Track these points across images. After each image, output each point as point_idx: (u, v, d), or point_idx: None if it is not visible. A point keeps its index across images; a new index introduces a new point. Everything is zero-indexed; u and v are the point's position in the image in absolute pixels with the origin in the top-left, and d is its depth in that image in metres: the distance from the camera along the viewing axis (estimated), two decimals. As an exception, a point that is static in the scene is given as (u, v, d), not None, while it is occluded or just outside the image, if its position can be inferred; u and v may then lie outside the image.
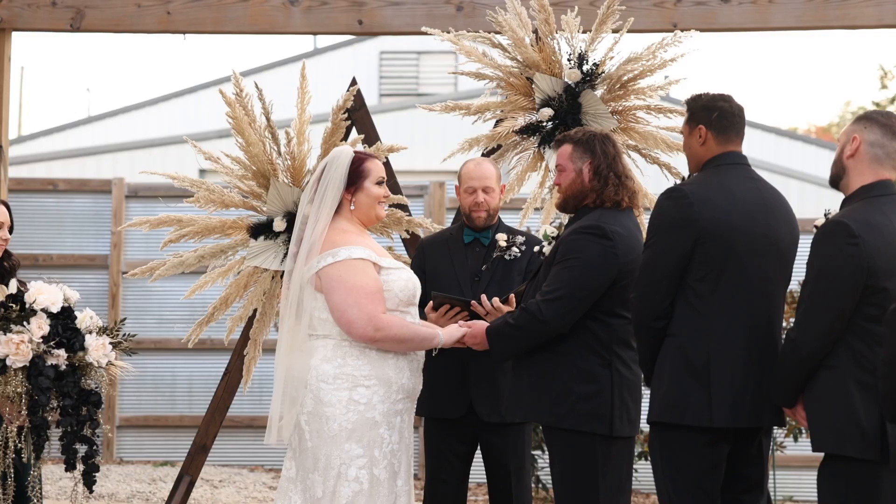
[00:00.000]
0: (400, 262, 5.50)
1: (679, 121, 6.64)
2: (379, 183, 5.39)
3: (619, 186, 5.33)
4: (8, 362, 5.32)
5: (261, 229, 6.66)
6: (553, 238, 6.20)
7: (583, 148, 5.38)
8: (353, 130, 7.03)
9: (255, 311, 6.78)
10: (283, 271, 5.58)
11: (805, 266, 4.78)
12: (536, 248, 6.24)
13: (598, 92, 6.69)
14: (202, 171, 15.73)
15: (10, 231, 5.87)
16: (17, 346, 5.31)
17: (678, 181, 5.40)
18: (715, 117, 5.16)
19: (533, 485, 9.91)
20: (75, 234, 11.84)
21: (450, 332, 5.45)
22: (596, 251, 5.17)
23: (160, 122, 20.39)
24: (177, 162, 14.88)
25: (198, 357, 11.65)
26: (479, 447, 6.28)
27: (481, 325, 5.48)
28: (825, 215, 5.49)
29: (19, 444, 5.40)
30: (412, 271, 5.45)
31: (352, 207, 5.34)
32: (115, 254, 11.65)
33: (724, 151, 5.16)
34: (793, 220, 5.19)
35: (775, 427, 5.21)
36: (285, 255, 6.15)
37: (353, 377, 5.15)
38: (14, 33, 7.89)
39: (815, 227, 5.11)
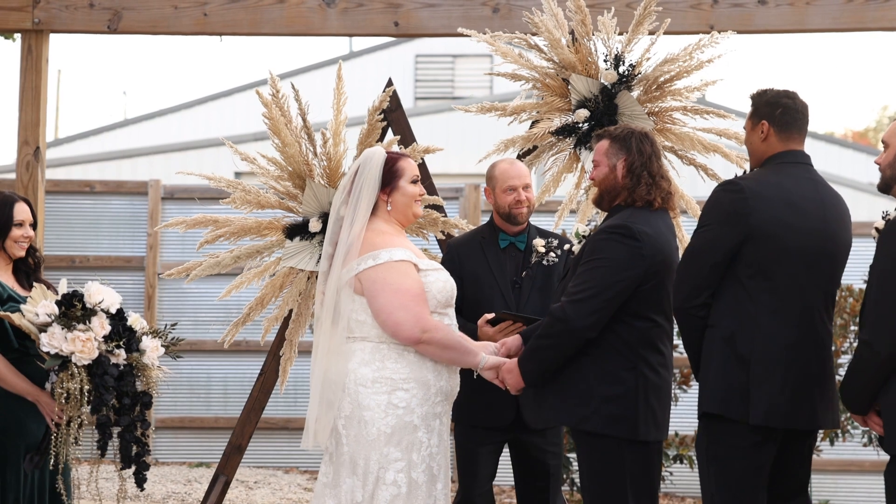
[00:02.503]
0: (436, 262, 5.47)
1: (715, 122, 6.65)
2: (414, 181, 5.34)
3: (653, 186, 5.26)
4: (74, 359, 5.38)
5: (297, 230, 6.68)
6: (584, 236, 6.18)
7: (619, 144, 5.33)
8: (389, 132, 7.03)
9: (290, 311, 6.79)
10: (318, 272, 5.55)
11: (850, 272, 4.71)
12: (567, 247, 6.23)
13: (635, 93, 6.68)
14: (237, 174, 15.77)
15: (34, 227, 5.87)
16: (84, 344, 5.36)
17: (740, 173, 5.30)
18: (779, 114, 5.11)
19: (567, 487, 9.88)
20: (111, 235, 11.86)
21: (491, 361, 5.27)
22: (622, 251, 5.09)
23: (195, 125, 20.49)
24: (212, 165, 14.93)
25: (233, 359, 11.67)
26: (510, 446, 6.25)
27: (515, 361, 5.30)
28: (883, 217, 5.42)
29: (74, 438, 5.48)
30: (449, 273, 5.41)
31: (388, 208, 5.29)
32: (151, 255, 11.68)
33: (787, 149, 5.11)
34: (848, 224, 5.12)
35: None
36: (321, 255, 6.15)
37: (392, 381, 5.09)
38: (51, 36, 7.92)
39: (876, 229, 5.07)
